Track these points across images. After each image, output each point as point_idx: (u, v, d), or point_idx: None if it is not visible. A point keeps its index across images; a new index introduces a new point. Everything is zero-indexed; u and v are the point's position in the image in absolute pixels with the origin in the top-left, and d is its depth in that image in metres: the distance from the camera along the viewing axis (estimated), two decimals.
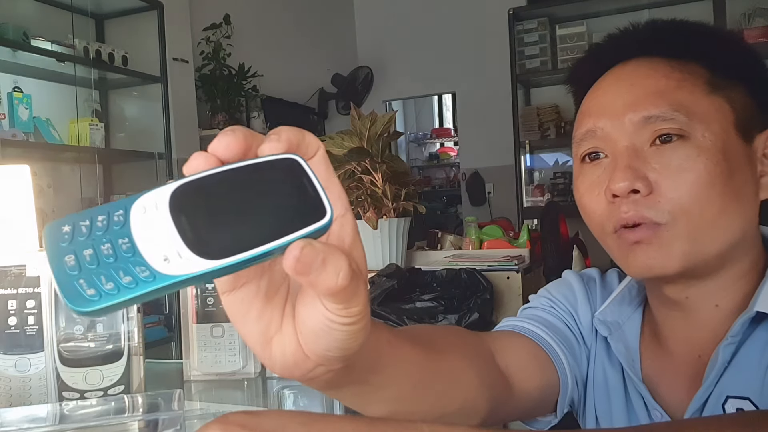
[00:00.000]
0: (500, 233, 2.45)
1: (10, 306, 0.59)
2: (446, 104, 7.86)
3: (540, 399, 0.71)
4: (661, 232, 0.60)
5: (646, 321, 0.73)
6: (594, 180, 0.65)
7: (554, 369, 0.71)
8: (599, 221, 0.65)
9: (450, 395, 0.56)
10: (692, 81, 0.63)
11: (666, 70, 0.64)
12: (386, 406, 0.48)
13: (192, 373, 0.80)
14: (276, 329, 0.37)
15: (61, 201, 2.95)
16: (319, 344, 0.36)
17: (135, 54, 3.24)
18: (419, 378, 0.51)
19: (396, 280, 1.80)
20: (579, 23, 4.42)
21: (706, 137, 0.60)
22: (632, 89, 0.64)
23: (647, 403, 0.68)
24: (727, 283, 0.64)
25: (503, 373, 0.66)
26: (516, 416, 0.72)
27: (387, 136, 2.08)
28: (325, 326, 0.35)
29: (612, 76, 0.67)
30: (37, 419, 0.49)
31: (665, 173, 0.60)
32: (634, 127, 0.62)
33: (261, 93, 4.13)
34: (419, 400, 0.52)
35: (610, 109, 0.64)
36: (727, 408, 0.61)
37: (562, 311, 0.77)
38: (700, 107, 0.61)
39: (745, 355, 0.61)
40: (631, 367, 0.70)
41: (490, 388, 0.62)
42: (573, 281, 0.80)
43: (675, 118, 0.61)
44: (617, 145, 0.63)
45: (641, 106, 0.62)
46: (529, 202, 4.53)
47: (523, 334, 0.72)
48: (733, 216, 0.61)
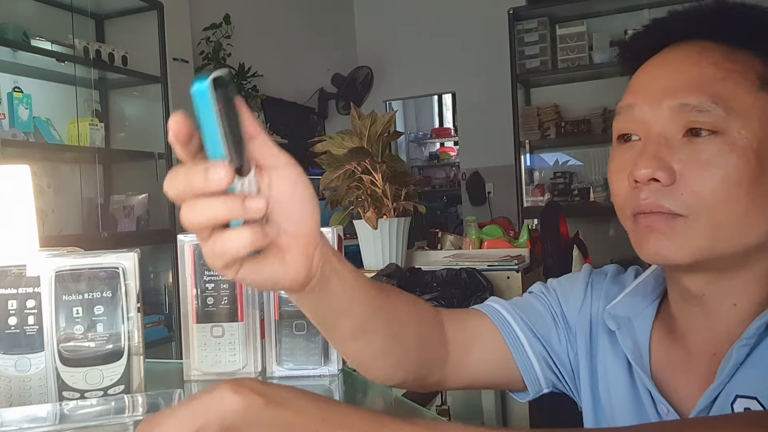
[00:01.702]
0: (500, 233, 2.45)
1: (10, 306, 0.59)
2: (446, 104, 7.86)
3: (491, 373, 0.79)
4: (677, 224, 0.60)
5: (661, 315, 0.73)
6: (623, 162, 0.64)
7: (508, 350, 0.77)
8: (621, 204, 0.65)
9: (396, 336, 0.67)
10: (742, 73, 0.60)
11: (716, 58, 0.61)
12: (351, 322, 0.62)
13: (192, 373, 0.81)
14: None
15: (61, 201, 2.95)
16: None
17: (135, 54, 3.23)
18: (375, 307, 0.63)
19: (396, 279, 1.80)
20: (579, 23, 4.42)
21: (741, 134, 0.59)
22: (676, 74, 0.62)
23: (654, 397, 0.68)
24: (747, 283, 0.63)
25: (446, 342, 0.75)
26: (459, 383, 0.78)
27: (387, 135, 2.08)
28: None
29: (661, 57, 0.65)
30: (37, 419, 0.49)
31: (692, 166, 0.59)
32: (671, 112, 0.61)
33: (261, 93, 4.13)
34: (374, 324, 0.64)
35: (651, 91, 0.63)
36: (735, 407, 0.60)
37: (552, 299, 0.81)
38: (743, 103, 0.59)
39: (759, 356, 0.60)
40: (639, 361, 0.70)
41: (426, 349, 0.72)
42: (580, 274, 0.82)
43: (711, 111, 0.59)
44: (650, 129, 0.62)
45: (680, 93, 0.61)
46: (529, 201, 4.53)
47: (489, 315, 0.79)
48: (759, 218, 0.60)
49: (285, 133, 4.28)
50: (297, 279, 0.51)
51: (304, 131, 4.58)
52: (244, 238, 0.44)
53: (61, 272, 0.59)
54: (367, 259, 2.14)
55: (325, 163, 2.07)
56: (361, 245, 2.14)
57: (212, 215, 0.43)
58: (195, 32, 3.74)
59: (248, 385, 0.39)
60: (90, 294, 0.60)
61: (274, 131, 4.21)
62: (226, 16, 3.80)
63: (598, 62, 4.34)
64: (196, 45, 3.75)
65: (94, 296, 0.60)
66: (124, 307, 0.61)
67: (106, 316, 0.60)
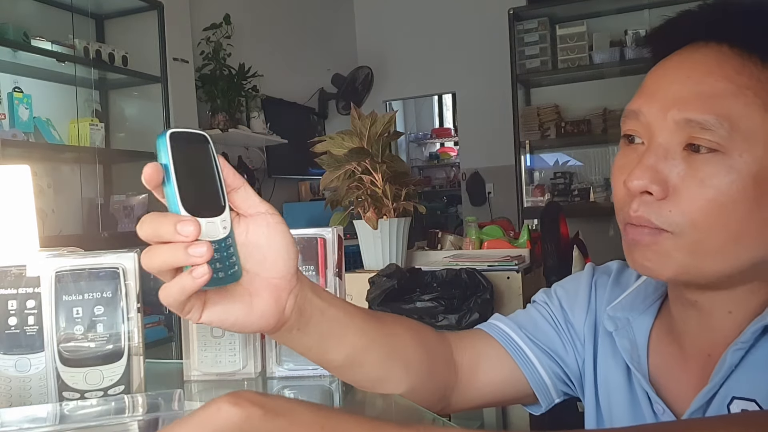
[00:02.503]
0: (500, 233, 2.45)
1: (10, 306, 0.59)
2: (446, 104, 7.86)
3: (501, 392, 0.79)
4: (661, 239, 0.60)
5: (662, 316, 0.73)
6: (625, 163, 0.63)
7: (518, 368, 0.78)
8: (618, 206, 0.65)
9: (397, 371, 0.67)
10: (756, 91, 0.57)
11: (732, 70, 0.58)
12: (338, 356, 0.62)
13: (192, 373, 0.80)
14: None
15: (61, 201, 2.95)
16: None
17: (135, 54, 3.23)
18: (369, 339, 0.64)
19: (396, 280, 1.80)
20: (579, 23, 4.43)
21: (742, 157, 0.56)
22: (687, 82, 0.59)
23: (650, 397, 0.69)
24: (741, 295, 0.63)
25: (455, 366, 0.75)
26: (469, 404, 0.79)
27: (387, 136, 2.08)
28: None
29: (677, 58, 0.62)
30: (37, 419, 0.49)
31: (687, 183, 0.58)
32: (675, 125, 0.59)
33: (261, 93, 4.13)
34: (367, 356, 0.64)
35: (660, 98, 0.61)
36: (732, 409, 0.60)
37: (555, 309, 0.81)
38: (751, 123, 0.56)
39: (755, 359, 0.61)
40: (636, 362, 0.70)
41: (436, 376, 0.73)
42: (583, 276, 0.82)
43: (715, 129, 0.56)
44: (654, 137, 0.61)
45: (687, 106, 0.58)
46: (529, 202, 4.53)
47: (492, 334, 0.79)
48: (752, 244, 0.58)
49: (285, 133, 4.28)
50: (265, 324, 0.54)
51: (304, 131, 4.58)
52: (177, 284, 0.47)
53: (61, 272, 0.59)
54: (367, 259, 2.14)
55: (325, 164, 2.07)
56: (361, 245, 2.14)
57: (162, 261, 0.47)
58: (195, 32, 3.73)
59: (246, 397, 0.39)
60: (90, 294, 0.60)
61: (274, 131, 4.21)
62: (226, 16, 3.80)
63: (598, 62, 4.35)
64: (196, 45, 3.75)
65: (94, 296, 0.60)
66: (124, 307, 0.61)
67: (106, 316, 0.60)
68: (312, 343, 0.60)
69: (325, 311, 0.59)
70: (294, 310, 0.55)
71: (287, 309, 0.55)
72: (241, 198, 0.52)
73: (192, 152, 0.48)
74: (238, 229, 0.52)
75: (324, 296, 0.60)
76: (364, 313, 0.66)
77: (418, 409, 0.68)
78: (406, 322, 0.73)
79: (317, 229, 0.78)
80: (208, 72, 3.79)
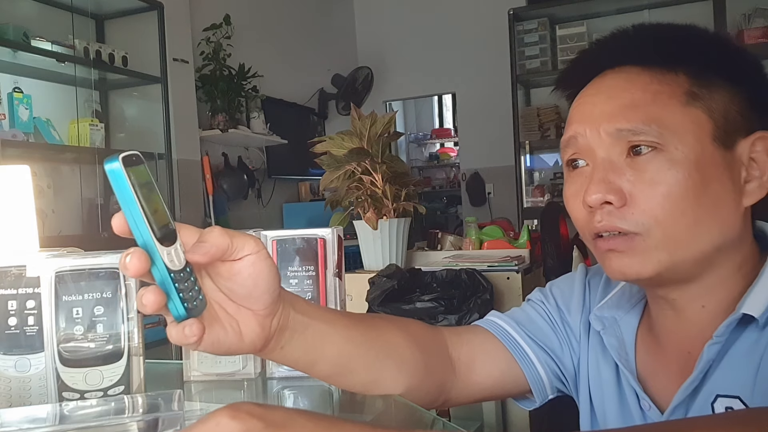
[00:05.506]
0: (500, 234, 2.45)
1: (10, 306, 0.59)
2: (446, 104, 7.86)
3: (498, 387, 0.80)
4: (634, 242, 0.63)
5: (646, 316, 0.76)
6: (577, 188, 0.68)
7: (515, 363, 0.79)
8: (581, 227, 0.69)
9: (387, 369, 0.69)
10: (669, 93, 0.64)
11: (644, 82, 0.65)
12: (326, 366, 0.65)
13: (192, 374, 0.80)
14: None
15: (61, 201, 2.95)
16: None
17: (135, 54, 3.23)
18: (357, 344, 0.66)
19: (396, 280, 1.80)
20: (579, 23, 4.42)
21: (679, 149, 0.62)
22: (609, 101, 0.65)
23: (638, 393, 0.71)
24: (711, 286, 0.67)
25: (451, 362, 0.77)
26: (467, 399, 0.80)
27: (387, 136, 2.08)
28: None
29: (593, 86, 0.69)
30: (37, 419, 0.49)
31: (639, 186, 0.63)
32: (610, 138, 0.64)
33: (261, 93, 4.13)
34: (357, 363, 0.66)
35: (589, 119, 0.66)
36: (716, 406, 0.63)
37: (551, 308, 0.83)
38: (674, 120, 0.63)
39: (735, 355, 0.63)
40: (623, 359, 0.73)
41: (433, 373, 0.74)
42: (576, 277, 0.84)
43: (647, 132, 0.62)
44: (596, 155, 0.66)
45: (615, 118, 0.64)
46: (529, 202, 4.53)
47: (491, 330, 0.81)
48: (710, 225, 0.63)
49: (285, 133, 4.28)
50: (253, 348, 0.57)
51: (304, 132, 4.58)
52: (176, 337, 0.51)
53: (61, 273, 0.59)
54: (367, 259, 2.14)
55: (325, 164, 2.07)
56: (361, 246, 2.14)
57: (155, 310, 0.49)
58: (195, 32, 3.73)
59: (245, 409, 0.39)
60: (90, 294, 0.60)
61: (274, 132, 4.21)
62: (226, 16, 3.80)
63: None
64: (196, 45, 3.75)
65: (93, 296, 0.60)
66: (124, 308, 0.61)
67: (106, 316, 0.60)
68: (298, 356, 0.62)
69: (307, 326, 0.61)
70: (277, 330, 0.58)
71: (271, 331, 0.57)
72: (225, 244, 0.50)
73: (139, 177, 0.45)
74: (222, 268, 0.53)
75: (306, 310, 0.61)
76: (349, 319, 0.67)
77: (417, 410, 0.68)
78: (396, 321, 0.75)
79: (317, 229, 0.79)
80: (208, 72, 3.79)
